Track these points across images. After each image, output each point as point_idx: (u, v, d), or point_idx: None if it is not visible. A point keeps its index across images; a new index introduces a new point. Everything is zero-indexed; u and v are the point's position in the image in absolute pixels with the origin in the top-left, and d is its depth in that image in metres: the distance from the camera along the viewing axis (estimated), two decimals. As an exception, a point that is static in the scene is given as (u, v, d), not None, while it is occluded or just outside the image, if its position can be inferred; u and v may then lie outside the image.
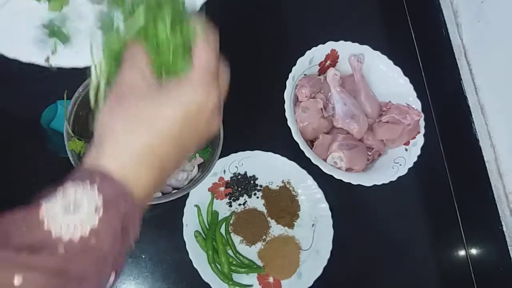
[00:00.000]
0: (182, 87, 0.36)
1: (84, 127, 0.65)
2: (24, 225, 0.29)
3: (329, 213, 0.78)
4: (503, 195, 0.81)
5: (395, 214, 0.86)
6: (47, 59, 0.45)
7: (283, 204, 0.79)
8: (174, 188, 0.69)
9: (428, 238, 0.86)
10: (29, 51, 0.46)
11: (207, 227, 0.75)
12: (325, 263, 0.75)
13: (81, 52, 0.45)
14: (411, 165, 0.79)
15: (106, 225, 0.30)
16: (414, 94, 0.84)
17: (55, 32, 0.47)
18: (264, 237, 0.78)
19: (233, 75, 0.90)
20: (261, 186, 0.80)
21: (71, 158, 0.61)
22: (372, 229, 0.84)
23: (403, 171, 0.78)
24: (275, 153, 0.80)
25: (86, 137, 0.65)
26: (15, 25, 0.46)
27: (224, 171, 0.79)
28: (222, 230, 0.76)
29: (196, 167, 0.70)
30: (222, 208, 0.78)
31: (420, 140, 0.82)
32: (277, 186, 0.81)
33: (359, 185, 0.76)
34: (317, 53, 0.83)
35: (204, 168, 0.69)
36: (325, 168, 0.75)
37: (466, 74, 0.89)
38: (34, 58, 0.46)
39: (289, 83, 0.79)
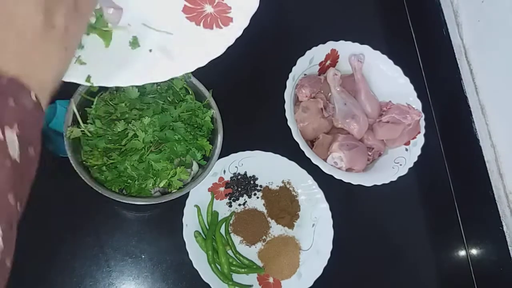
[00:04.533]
0: None
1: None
2: None
3: (329, 213, 0.78)
4: (504, 195, 0.81)
5: (395, 214, 0.86)
6: (88, 78, 0.44)
7: (283, 204, 0.79)
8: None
9: (428, 238, 0.86)
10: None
11: (207, 227, 0.75)
12: (325, 263, 0.75)
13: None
14: (411, 165, 0.79)
15: None
16: (415, 94, 0.84)
17: None
18: (264, 237, 0.78)
19: (233, 75, 0.90)
20: (261, 186, 0.80)
21: (70, 158, 0.61)
22: (372, 229, 0.84)
23: (403, 171, 0.78)
24: (275, 153, 0.79)
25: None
26: None
27: (224, 171, 0.78)
28: (222, 230, 0.76)
29: (195, 163, 0.70)
30: (222, 208, 0.78)
31: (420, 140, 0.82)
32: (277, 186, 0.81)
33: (359, 185, 0.76)
34: (317, 53, 0.83)
35: (204, 167, 0.69)
36: (325, 168, 0.75)
37: (466, 74, 0.89)
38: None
39: (289, 83, 0.79)
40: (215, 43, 0.43)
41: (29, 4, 0.35)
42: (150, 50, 0.42)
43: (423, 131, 0.82)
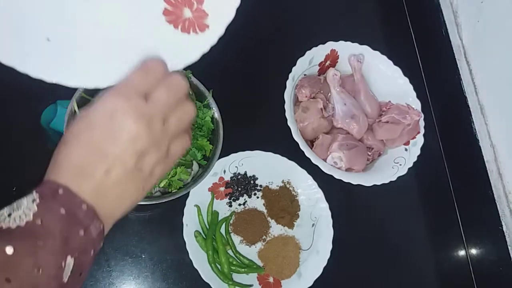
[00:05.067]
0: None
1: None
2: None
3: (329, 213, 0.78)
4: (503, 195, 0.81)
5: (395, 214, 0.86)
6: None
7: (283, 204, 0.79)
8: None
9: (428, 238, 0.86)
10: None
11: (207, 227, 0.75)
12: (325, 263, 0.75)
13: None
14: (411, 165, 0.79)
15: (47, 208, 0.34)
16: (414, 94, 0.84)
17: None
18: (264, 237, 0.78)
19: (234, 76, 0.90)
20: (261, 186, 0.80)
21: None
22: (372, 229, 0.84)
23: (403, 171, 0.79)
24: (275, 153, 0.80)
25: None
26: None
27: (224, 171, 0.79)
28: (222, 230, 0.76)
29: (195, 163, 0.70)
30: (222, 208, 0.78)
31: (420, 140, 0.82)
32: (277, 186, 0.81)
33: (359, 185, 0.76)
34: (317, 53, 0.83)
35: (204, 167, 0.69)
36: (325, 168, 0.75)
37: (465, 74, 0.89)
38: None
39: (289, 83, 0.79)
40: (191, 48, 0.44)
41: (126, 146, 0.37)
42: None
43: (422, 131, 0.82)
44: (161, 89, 0.39)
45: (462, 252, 0.86)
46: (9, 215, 0.33)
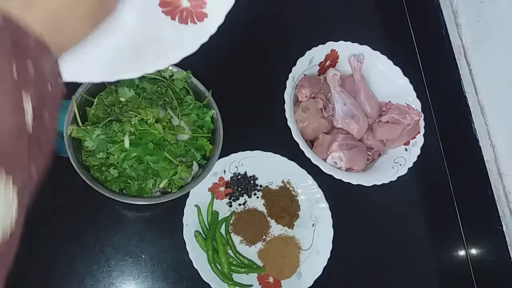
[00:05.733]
0: None
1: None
2: None
3: (329, 213, 0.78)
4: (503, 195, 0.81)
5: (395, 214, 0.86)
6: None
7: (283, 204, 0.79)
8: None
9: (428, 238, 0.86)
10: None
11: (207, 227, 0.75)
12: (325, 263, 0.75)
13: None
14: (411, 165, 0.79)
15: None
16: (414, 94, 0.84)
17: None
18: (264, 237, 0.78)
19: (233, 76, 0.90)
20: (261, 186, 0.80)
21: (71, 158, 0.61)
22: (372, 229, 0.84)
23: (403, 171, 0.79)
24: (275, 153, 0.80)
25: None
26: None
27: (224, 171, 0.79)
28: (222, 230, 0.76)
29: (195, 163, 0.70)
30: (222, 208, 0.78)
31: (420, 140, 0.82)
32: (277, 186, 0.81)
33: (359, 185, 0.76)
34: (317, 53, 0.83)
35: (204, 167, 0.69)
36: (325, 168, 0.75)
37: (465, 74, 0.89)
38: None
39: (289, 83, 0.79)
40: (190, 39, 0.43)
41: None
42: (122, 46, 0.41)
43: (422, 131, 0.82)
44: None
45: (462, 252, 0.86)
46: None
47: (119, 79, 0.42)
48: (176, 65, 0.71)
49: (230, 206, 0.78)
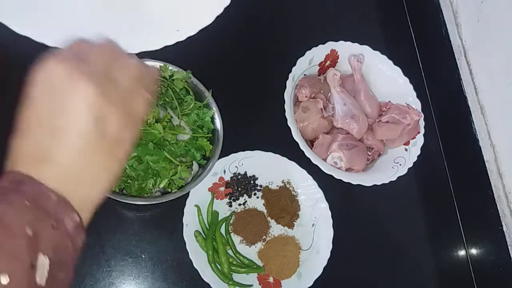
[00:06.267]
0: None
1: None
2: None
3: (329, 213, 0.78)
4: (503, 195, 0.81)
5: (395, 214, 0.86)
6: None
7: (283, 204, 0.79)
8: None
9: (428, 238, 0.86)
10: None
11: (207, 227, 0.75)
12: (325, 263, 0.75)
13: None
14: (411, 165, 0.79)
15: (8, 202, 0.29)
16: (414, 94, 0.84)
17: None
18: (264, 237, 0.78)
19: (233, 75, 0.90)
20: (261, 186, 0.80)
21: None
22: (372, 229, 0.84)
23: (403, 171, 0.78)
24: (275, 153, 0.79)
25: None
26: None
27: (224, 171, 0.79)
28: (222, 230, 0.76)
29: (195, 163, 0.70)
30: (222, 208, 0.78)
31: (420, 140, 0.82)
32: (277, 186, 0.81)
33: (359, 185, 0.76)
34: (317, 53, 0.83)
35: (205, 167, 0.69)
36: (325, 168, 0.75)
37: (466, 74, 0.89)
38: None
39: (289, 83, 0.79)
40: (205, 11, 0.43)
41: (78, 113, 0.32)
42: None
43: (422, 131, 0.82)
44: (94, 50, 0.35)
45: (462, 252, 0.86)
46: None
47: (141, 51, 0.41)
48: (176, 65, 0.71)
49: (230, 206, 0.78)
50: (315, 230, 0.78)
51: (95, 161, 0.33)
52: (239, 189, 0.79)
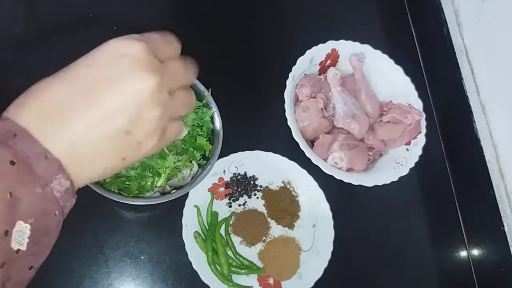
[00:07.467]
0: None
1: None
2: None
3: (330, 214, 0.78)
4: (505, 195, 0.80)
5: (396, 215, 0.86)
6: None
7: (283, 205, 0.79)
8: (174, 188, 0.69)
9: (429, 238, 0.86)
10: None
11: (207, 227, 0.75)
12: (325, 264, 0.75)
13: None
14: (412, 165, 0.79)
15: None
16: (415, 93, 0.84)
17: None
18: (264, 238, 0.77)
19: (233, 75, 0.90)
20: (261, 186, 0.80)
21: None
22: (373, 229, 0.83)
23: (404, 171, 0.78)
24: (275, 153, 0.79)
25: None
26: None
27: (224, 171, 0.78)
28: (222, 231, 0.75)
29: (195, 163, 0.69)
30: (222, 208, 0.77)
31: (421, 140, 0.81)
32: (277, 186, 0.80)
33: (360, 185, 0.75)
34: (318, 52, 0.82)
35: (204, 167, 0.69)
36: (326, 168, 0.75)
37: (467, 73, 0.89)
38: None
39: (289, 82, 0.78)
40: None
41: (126, 97, 0.30)
42: None
43: (424, 131, 0.82)
44: (177, 60, 0.36)
45: (463, 253, 0.86)
46: None
47: None
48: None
49: (230, 206, 0.78)
50: (316, 231, 0.78)
51: (106, 148, 0.31)
52: (239, 189, 0.78)
